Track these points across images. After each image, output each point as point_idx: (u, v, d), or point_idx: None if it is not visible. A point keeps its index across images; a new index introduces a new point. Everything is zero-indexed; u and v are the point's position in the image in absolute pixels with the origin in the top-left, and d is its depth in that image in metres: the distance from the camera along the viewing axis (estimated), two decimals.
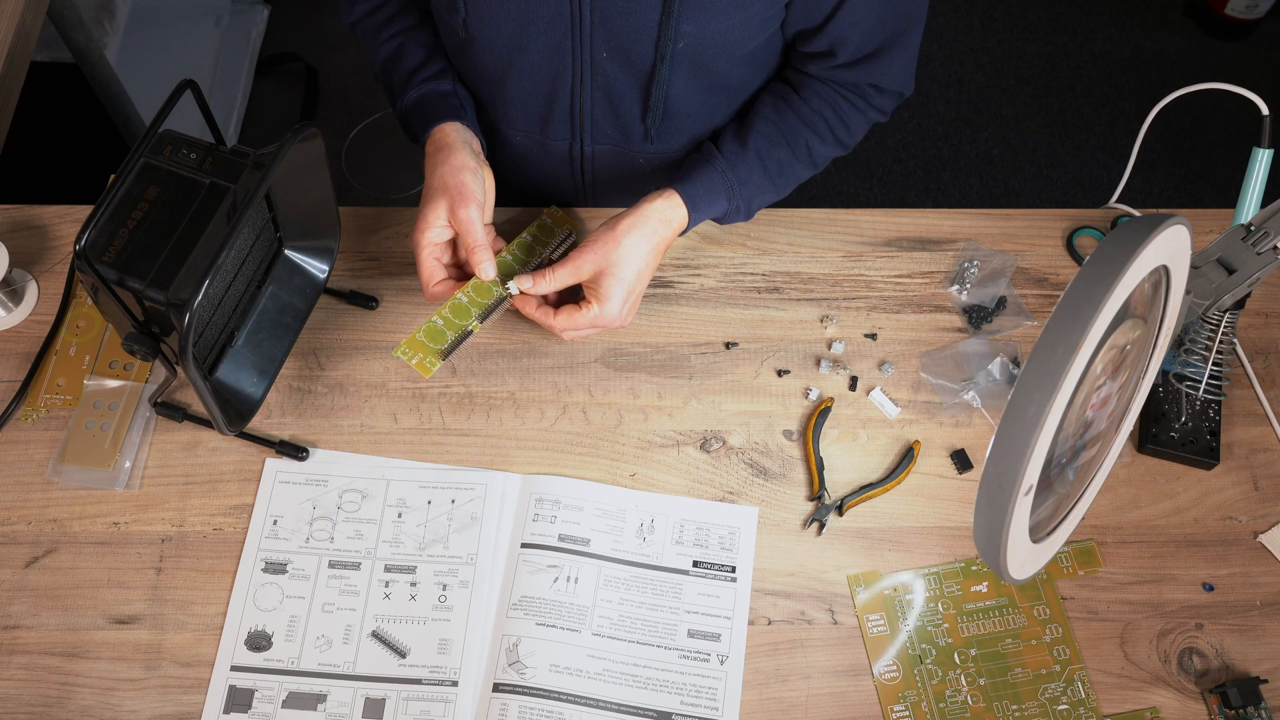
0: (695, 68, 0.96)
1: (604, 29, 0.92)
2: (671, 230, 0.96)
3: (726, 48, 0.95)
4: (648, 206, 0.94)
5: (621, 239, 0.93)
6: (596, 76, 0.97)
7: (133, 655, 0.89)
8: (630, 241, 0.93)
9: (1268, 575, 0.94)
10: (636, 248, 0.93)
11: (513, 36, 0.95)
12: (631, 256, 0.93)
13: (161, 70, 2.06)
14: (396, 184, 2.25)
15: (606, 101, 1.00)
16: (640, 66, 0.95)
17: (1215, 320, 0.94)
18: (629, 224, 0.93)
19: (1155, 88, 2.41)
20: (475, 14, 0.94)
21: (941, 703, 0.89)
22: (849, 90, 1.01)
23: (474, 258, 0.94)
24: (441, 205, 0.93)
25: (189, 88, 0.84)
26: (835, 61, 0.97)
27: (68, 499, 0.95)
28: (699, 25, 0.91)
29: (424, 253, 0.94)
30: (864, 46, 0.96)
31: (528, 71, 0.98)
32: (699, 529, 0.95)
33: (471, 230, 0.93)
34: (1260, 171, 0.93)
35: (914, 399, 1.01)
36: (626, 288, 0.94)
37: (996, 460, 0.63)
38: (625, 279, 0.93)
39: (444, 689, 0.88)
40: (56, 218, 1.10)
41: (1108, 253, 0.62)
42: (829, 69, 0.99)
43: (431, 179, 0.95)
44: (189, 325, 0.78)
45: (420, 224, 0.93)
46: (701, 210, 0.97)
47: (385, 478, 0.97)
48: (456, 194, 0.92)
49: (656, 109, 0.99)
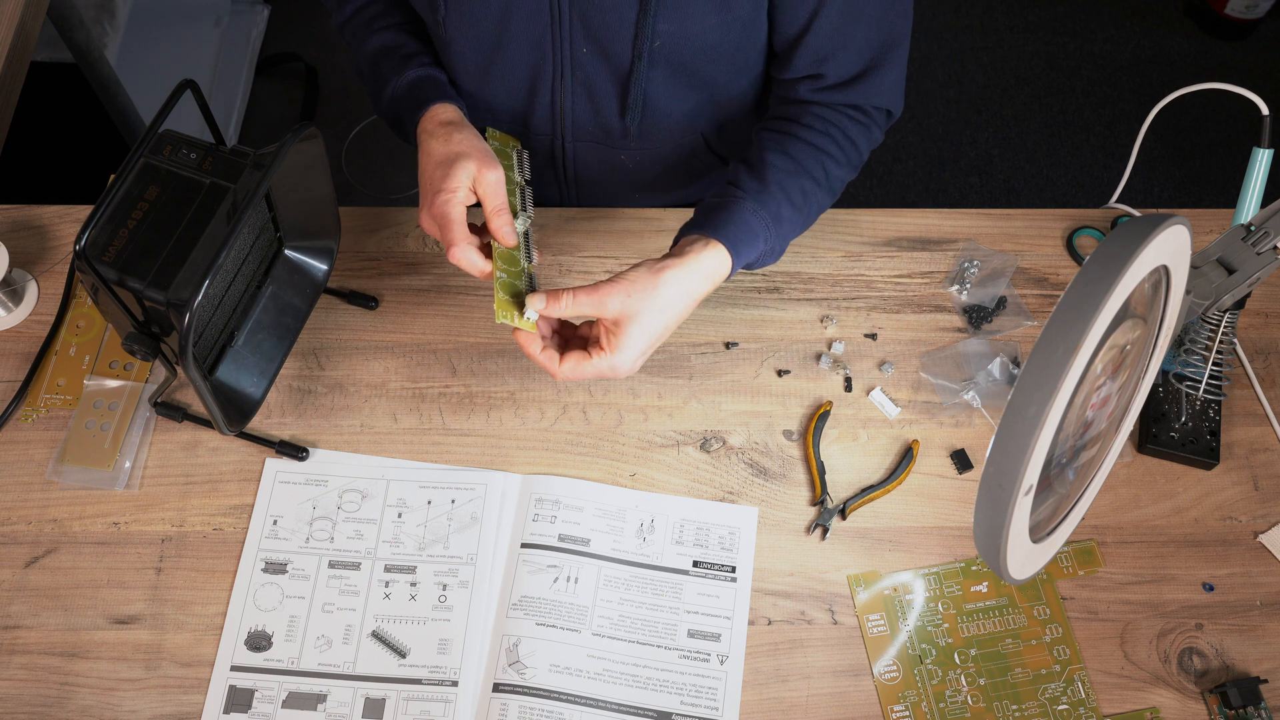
0: (674, 67, 0.96)
1: (583, 25, 0.92)
2: (713, 285, 0.88)
3: (704, 48, 0.94)
4: (694, 257, 0.86)
5: (662, 287, 0.84)
6: (577, 72, 0.97)
7: (133, 655, 0.89)
8: (670, 293, 0.84)
9: (1268, 575, 0.94)
10: (674, 301, 0.84)
11: (493, 32, 0.95)
12: (666, 308, 0.84)
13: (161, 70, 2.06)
14: (396, 184, 2.25)
15: (587, 97, 1.00)
16: (619, 64, 0.95)
17: (1215, 320, 0.94)
18: (674, 274, 0.84)
19: (1155, 88, 2.41)
20: (455, 11, 0.94)
21: (941, 703, 0.89)
22: (849, 108, 0.99)
23: (496, 220, 0.88)
24: (469, 166, 0.88)
25: (189, 88, 0.84)
26: (825, 83, 0.96)
27: (68, 499, 0.95)
28: (675, 25, 0.91)
29: (455, 212, 0.87)
30: (852, 65, 0.95)
31: (508, 68, 0.98)
32: (699, 529, 0.95)
33: (499, 192, 0.88)
34: (1260, 171, 0.93)
35: (914, 399, 1.01)
36: (650, 340, 0.84)
37: (996, 460, 0.63)
38: (651, 330, 0.84)
39: (444, 689, 0.88)
40: (56, 218, 1.10)
41: (1108, 253, 0.62)
42: (819, 91, 0.97)
43: (449, 145, 0.90)
44: (189, 325, 0.78)
45: (446, 184, 0.87)
46: (741, 255, 0.88)
47: (385, 478, 0.97)
48: (482, 158, 0.89)
49: (636, 107, 0.99)
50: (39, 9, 1.37)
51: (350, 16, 1.05)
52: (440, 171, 0.89)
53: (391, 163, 2.27)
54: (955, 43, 2.48)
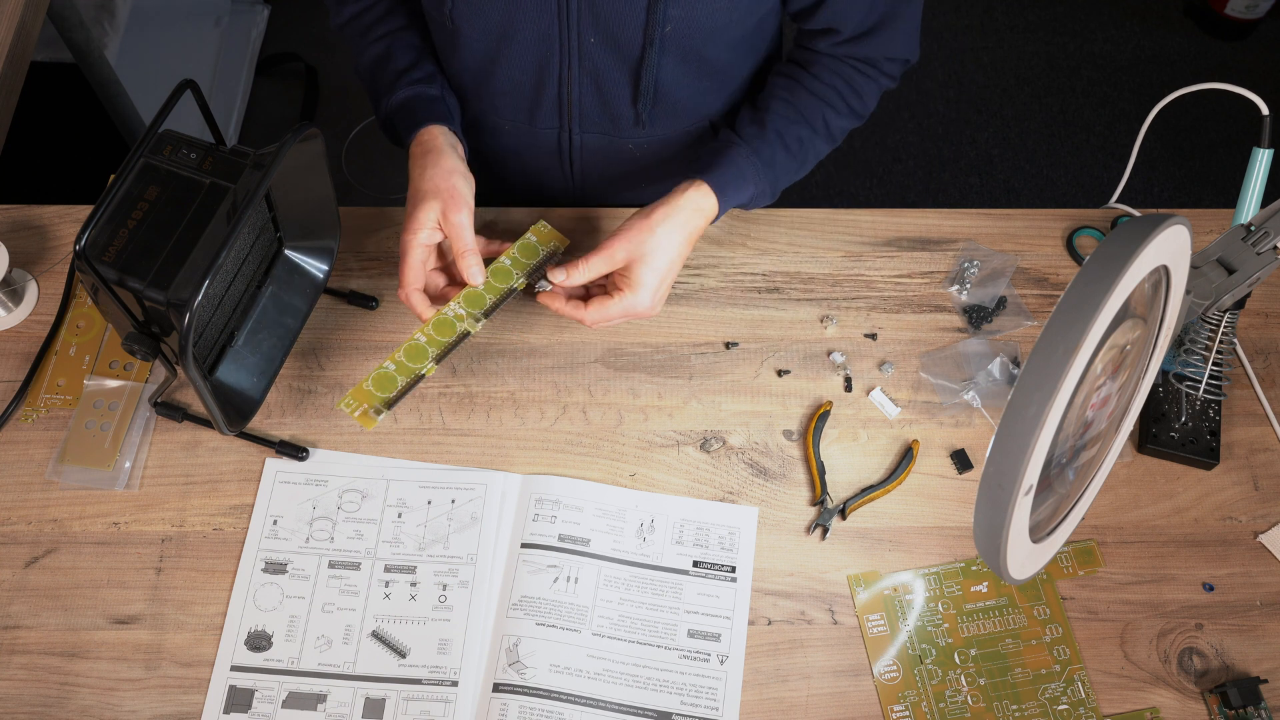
0: (684, 52, 0.97)
1: (591, 14, 0.93)
2: (704, 219, 0.96)
3: (714, 32, 0.95)
4: (680, 197, 0.94)
5: (656, 227, 0.93)
6: (585, 62, 0.98)
7: (133, 655, 0.89)
8: (664, 230, 0.93)
9: (1268, 575, 0.94)
10: (670, 236, 0.93)
11: (500, 24, 0.95)
12: (665, 245, 0.93)
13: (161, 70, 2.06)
14: (396, 184, 2.25)
15: (595, 88, 1.01)
16: (629, 51, 0.96)
17: (1215, 320, 0.94)
18: (663, 213, 0.93)
19: (1155, 88, 2.41)
20: (462, 3, 0.94)
21: (941, 703, 0.88)
22: (859, 61, 1.01)
23: (463, 262, 0.93)
24: (433, 208, 0.92)
25: (189, 88, 0.84)
26: (840, 38, 0.98)
27: (68, 499, 0.95)
28: (685, 9, 0.91)
29: (414, 255, 0.93)
30: (866, 21, 0.97)
31: (516, 59, 0.99)
32: (699, 529, 0.95)
33: (462, 235, 0.92)
34: (1260, 171, 0.93)
35: (914, 399, 1.01)
36: (659, 276, 0.93)
37: (996, 460, 0.63)
38: (658, 267, 0.93)
39: (444, 689, 0.88)
40: (56, 218, 1.10)
41: (1108, 253, 0.62)
42: (835, 45, 1.00)
43: (421, 182, 0.94)
44: (189, 325, 0.78)
45: (411, 225, 0.92)
46: (730, 196, 0.97)
47: (385, 478, 0.97)
48: (449, 197, 0.92)
49: (647, 94, 1.00)
50: (39, 9, 1.37)
51: (347, 21, 1.05)
52: (409, 209, 0.94)
53: (391, 163, 2.27)
54: (955, 43, 2.48)
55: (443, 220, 0.93)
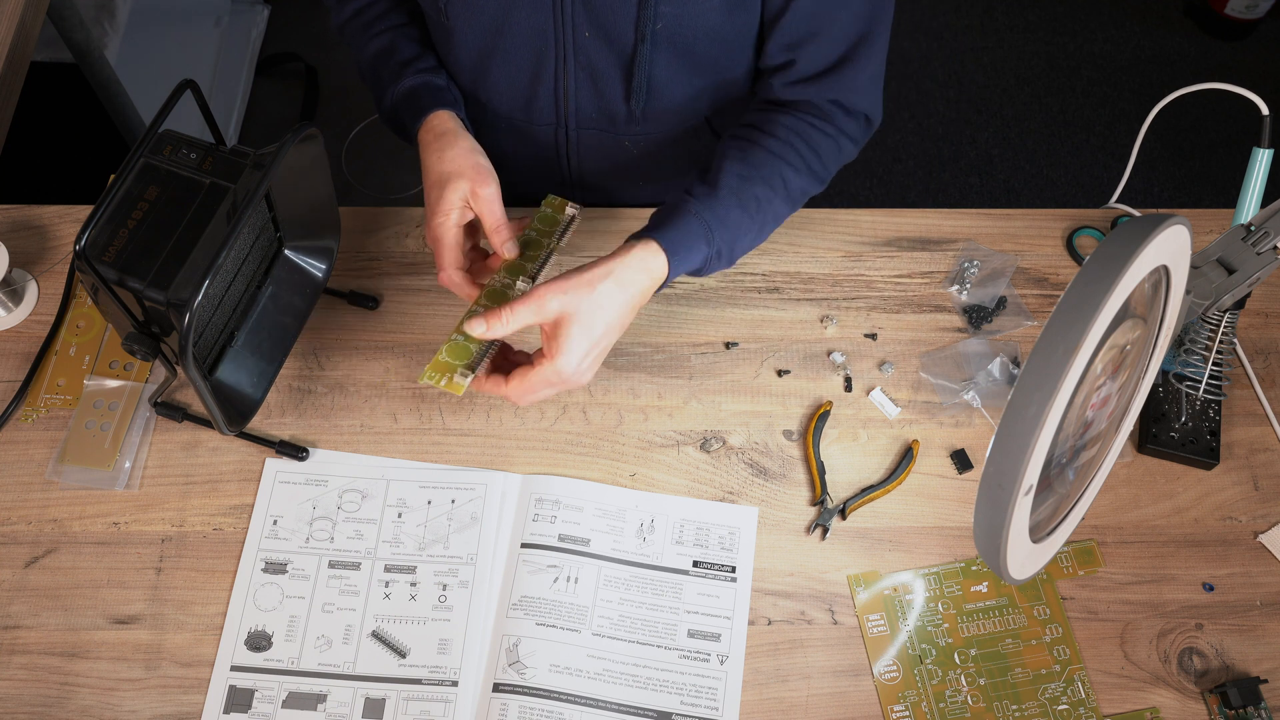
0: (676, 48, 0.96)
1: (585, 9, 0.93)
2: (651, 280, 0.87)
3: (706, 29, 0.95)
4: (627, 254, 0.86)
5: (596, 284, 0.83)
6: (579, 57, 0.97)
7: (133, 655, 0.89)
8: (605, 288, 0.84)
9: (1268, 575, 0.94)
10: (611, 296, 0.84)
11: (495, 20, 0.95)
12: (604, 305, 0.84)
13: (161, 70, 2.06)
14: (396, 184, 2.25)
15: (590, 83, 1.00)
16: (622, 46, 0.96)
17: (1215, 320, 0.94)
18: (605, 270, 0.85)
19: (1155, 88, 2.41)
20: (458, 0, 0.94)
21: (941, 703, 0.89)
22: (814, 115, 0.98)
23: (497, 237, 0.90)
24: (460, 187, 0.89)
25: (189, 88, 0.84)
26: (796, 74, 0.96)
27: (68, 499, 0.95)
28: (676, 6, 0.91)
29: (448, 236, 0.89)
30: (826, 54, 0.94)
31: (511, 55, 0.99)
32: (699, 529, 0.95)
33: (494, 209, 0.90)
34: (1260, 171, 0.93)
35: (914, 399, 1.01)
36: (591, 339, 0.84)
37: (996, 460, 0.63)
38: (591, 330, 0.83)
39: (444, 689, 0.88)
40: (56, 218, 1.10)
41: (1108, 253, 0.62)
42: (790, 83, 0.97)
43: (441, 164, 0.92)
44: (189, 325, 0.78)
45: (440, 207, 0.89)
46: (682, 257, 0.88)
47: (385, 478, 0.97)
48: (475, 174, 0.90)
49: (640, 89, 0.99)
50: (39, 9, 1.37)
51: (349, 18, 1.05)
52: (435, 193, 0.90)
53: (391, 163, 2.27)
54: (955, 43, 2.48)
55: (472, 198, 0.90)
